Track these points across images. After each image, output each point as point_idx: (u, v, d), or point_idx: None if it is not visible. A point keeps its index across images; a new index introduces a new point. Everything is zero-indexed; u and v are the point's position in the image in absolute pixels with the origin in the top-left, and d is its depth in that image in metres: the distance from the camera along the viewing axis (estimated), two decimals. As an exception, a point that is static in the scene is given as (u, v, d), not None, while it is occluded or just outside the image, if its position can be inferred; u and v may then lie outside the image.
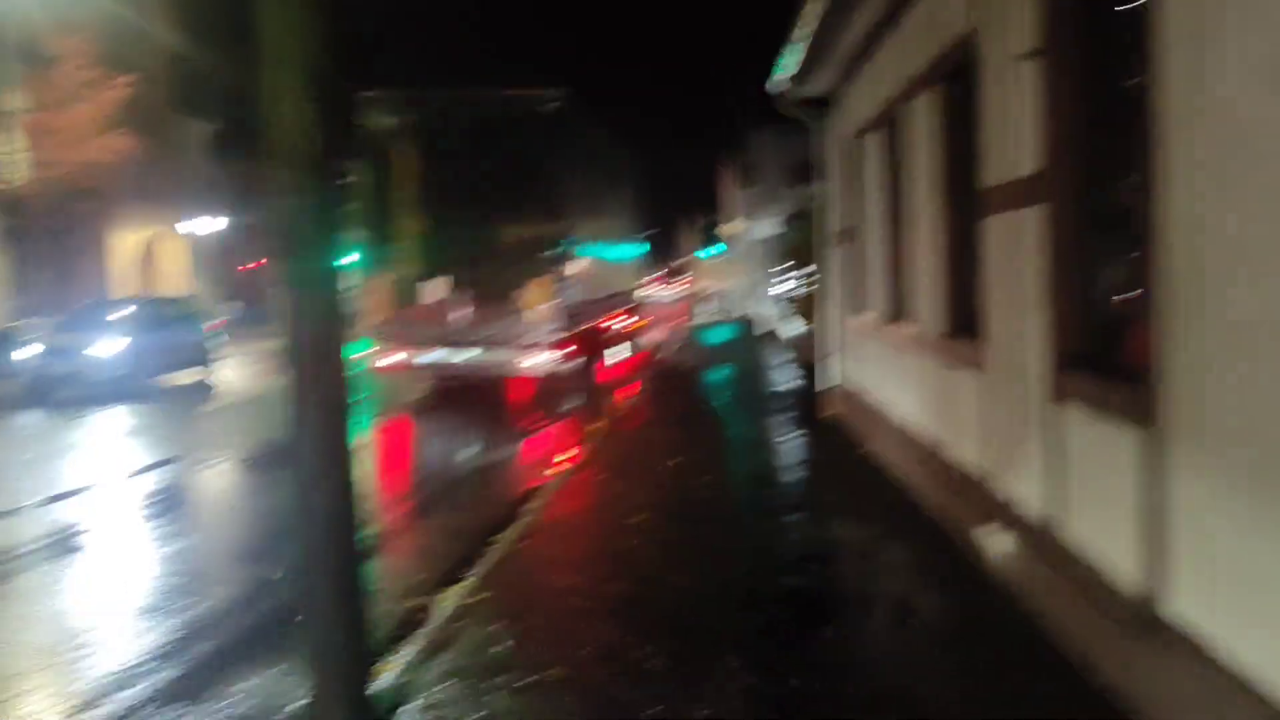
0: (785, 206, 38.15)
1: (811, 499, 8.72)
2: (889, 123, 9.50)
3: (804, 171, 36.93)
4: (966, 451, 6.94)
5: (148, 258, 35.43)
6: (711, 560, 6.87)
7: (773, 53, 12.62)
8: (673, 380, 19.41)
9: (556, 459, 11.11)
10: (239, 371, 23.49)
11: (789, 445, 11.49)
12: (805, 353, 20.99)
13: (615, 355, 20.26)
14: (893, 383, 9.50)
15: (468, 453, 12.26)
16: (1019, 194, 5.71)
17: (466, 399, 16.53)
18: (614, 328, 20.83)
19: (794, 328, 23.17)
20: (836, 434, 11.83)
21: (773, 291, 32.43)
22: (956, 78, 7.27)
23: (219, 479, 11.45)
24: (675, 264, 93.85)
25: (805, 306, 22.18)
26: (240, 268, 43.50)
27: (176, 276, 36.35)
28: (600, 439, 12.18)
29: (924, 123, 7.88)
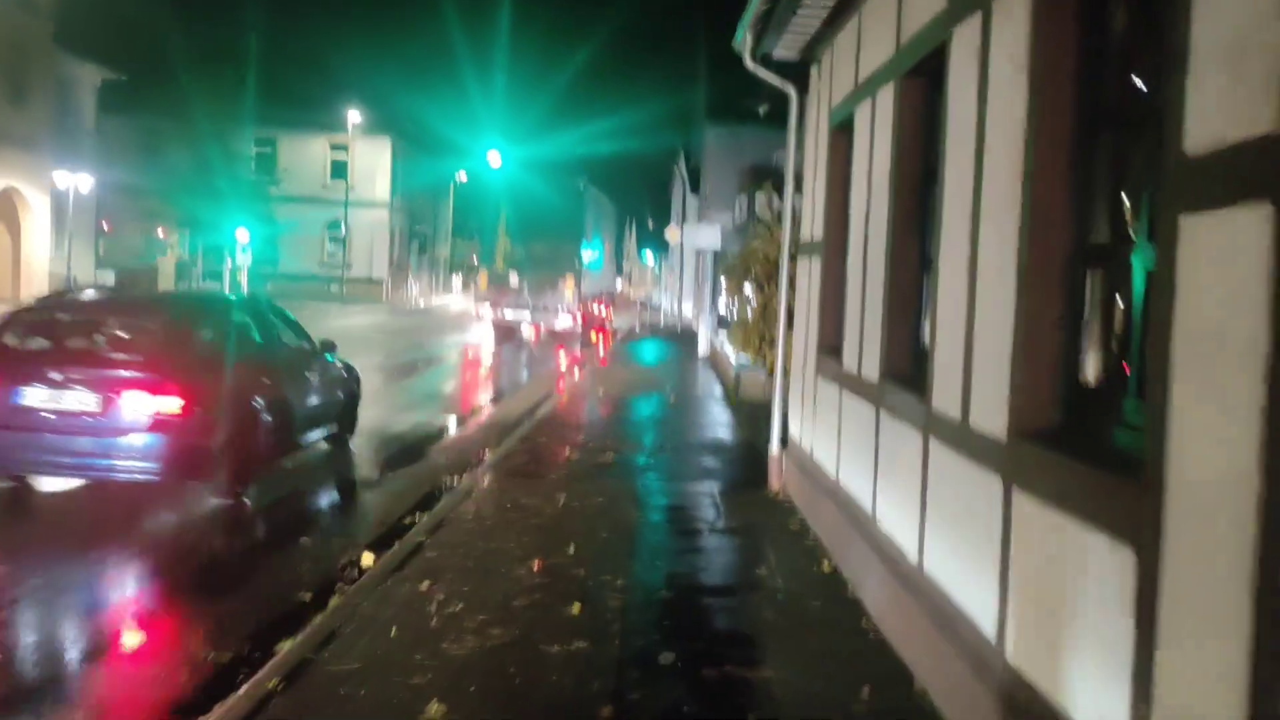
0: (733, 215, 34.77)
1: (750, 685, 5.14)
2: (917, 70, 6.01)
3: (755, 175, 33.78)
4: (1092, 696, 3.45)
5: (4, 211, 30.95)
6: None
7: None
8: (612, 372, 23.38)
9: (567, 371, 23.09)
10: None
11: (720, 541, 7.95)
12: (747, 390, 17.50)
13: (596, 326, 38.72)
14: (895, 486, 5.99)
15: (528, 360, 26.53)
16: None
17: (523, 336, 33.91)
18: (598, 310, 41.21)
19: (735, 355, 19.62)
20: (788, 526, 8.30)
21: (713, 309, 28.95)
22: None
23: None
24: (625, 269, 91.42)
25: (745, 334, 18.53)
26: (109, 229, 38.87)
27: (38, 234, 31.87)
28: (588, 369, 23.25)
29: (1008, 46, 4.36)
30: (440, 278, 70.41)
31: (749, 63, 9.58)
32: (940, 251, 5.23)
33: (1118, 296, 3.84)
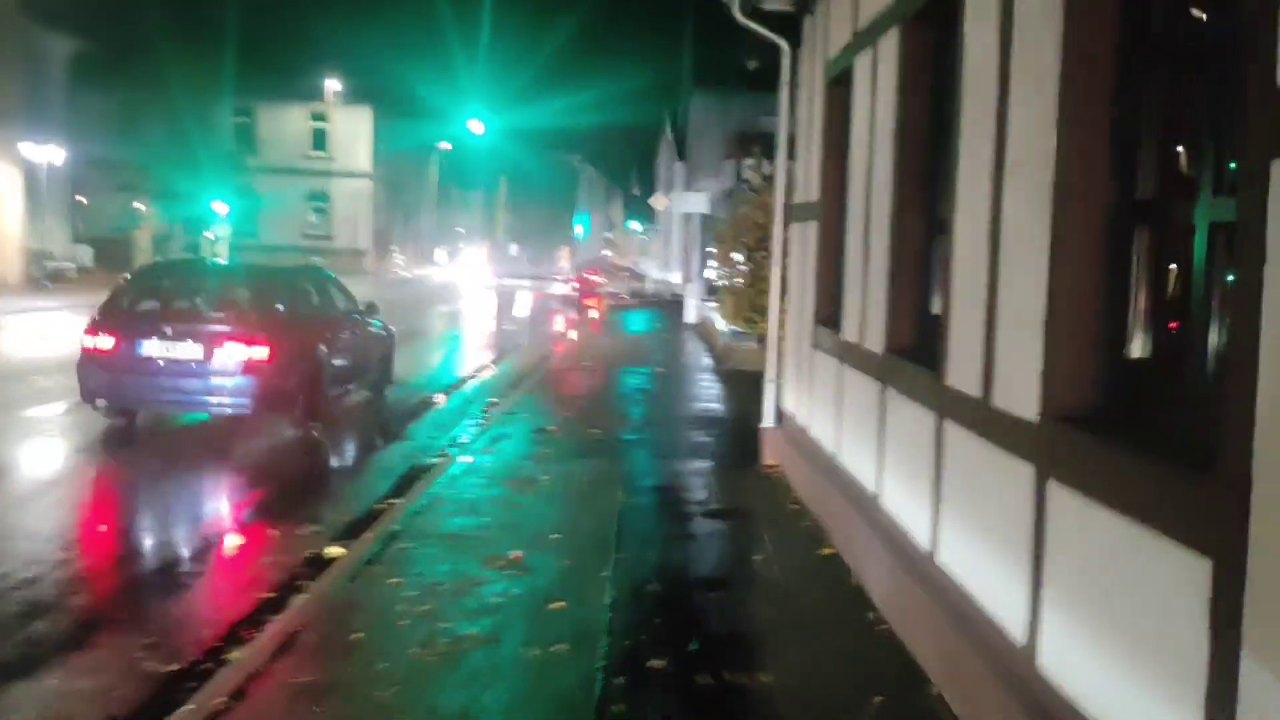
0: (720, 182, 34.21)
1: (749, 692, 4.68)
2: (926, 12, 5.49)
3: (743, 141, 33.21)
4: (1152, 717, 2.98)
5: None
6: None
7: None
8: (602, 340, 23.75)
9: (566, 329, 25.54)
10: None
11: (713, 524, 7.46)
12: (737, 359, 17.03)
13: (589, 294, 37.18)
14: (904, 468, 5.51)
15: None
16: None
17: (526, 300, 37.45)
18: (591, 278, 40.24)
19: (725, 324, 19.18)
20: (784, 506, 7.83)
21: (701, 277, 28.45)
22: None
23: None
24: (612, 237, 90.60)
25: (735, 302, 18.11)
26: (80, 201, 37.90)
27: (10, 208, 31.06)
28: (581, 337, 23.81)
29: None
30: (425, 247, 69.69)
31: (738, 14, 9.03)
32: (956, 211, 4.72)
33: (1173, 258, 3.36)
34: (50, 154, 30.84)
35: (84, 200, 47.37)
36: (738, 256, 18.39)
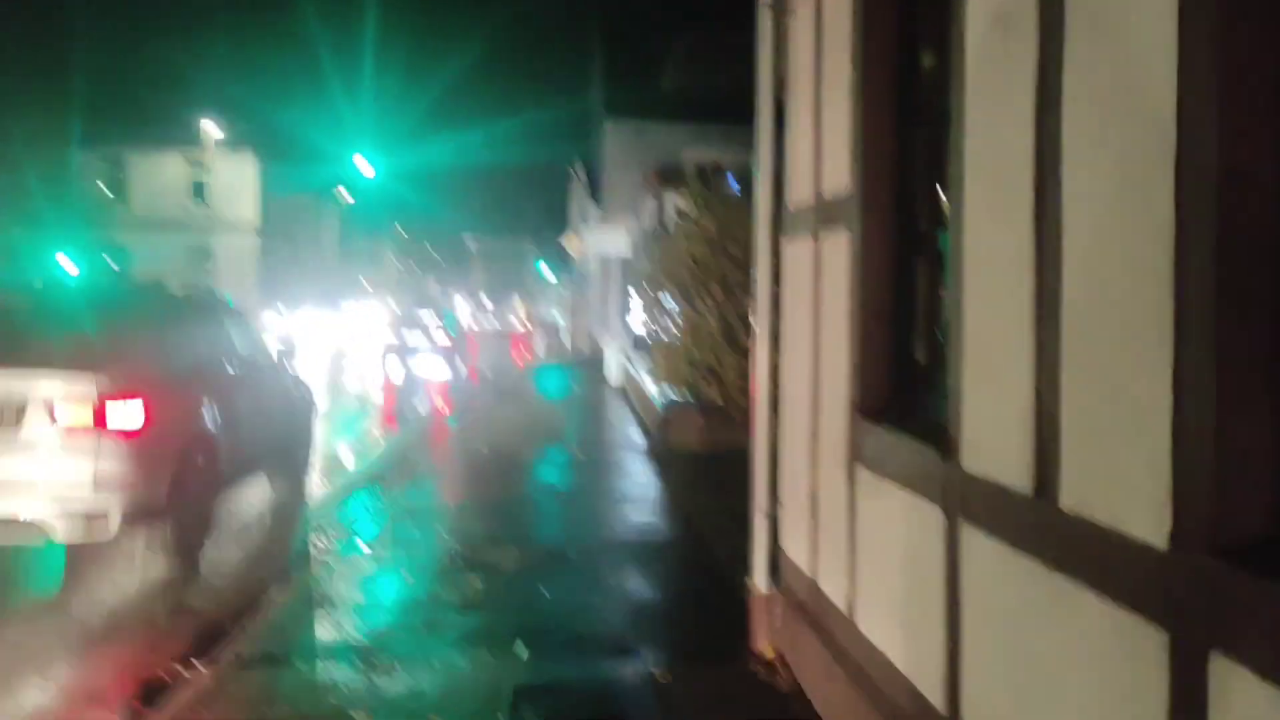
0: (641, 221, 30.66)
1: None
2: None
3: (664, 176, 29.71)
4: None
5: None
6: None
7: None
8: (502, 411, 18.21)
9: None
10: None
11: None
12: (678, 436, 13.19)
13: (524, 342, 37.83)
14: None
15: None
16: None
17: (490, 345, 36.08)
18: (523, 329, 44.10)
19: (658, 388, 15.28)
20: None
21: (625, 329, 24.73)
22: None
23: None
24: (525, 287, 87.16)
25: (670, 362, 14.08)
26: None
27: None
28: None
29: None
30: (326, 304, 64.81)
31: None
32: None
33: None
34: None
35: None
36: (670, 302, 14.52)
